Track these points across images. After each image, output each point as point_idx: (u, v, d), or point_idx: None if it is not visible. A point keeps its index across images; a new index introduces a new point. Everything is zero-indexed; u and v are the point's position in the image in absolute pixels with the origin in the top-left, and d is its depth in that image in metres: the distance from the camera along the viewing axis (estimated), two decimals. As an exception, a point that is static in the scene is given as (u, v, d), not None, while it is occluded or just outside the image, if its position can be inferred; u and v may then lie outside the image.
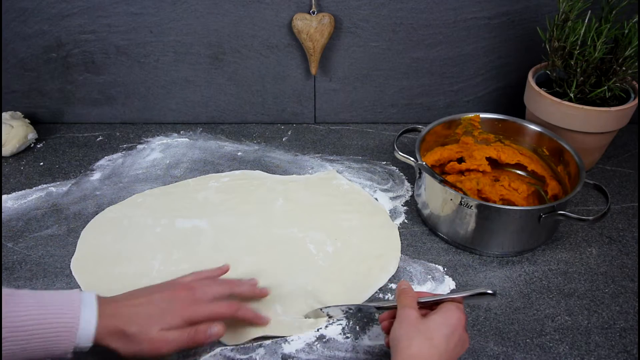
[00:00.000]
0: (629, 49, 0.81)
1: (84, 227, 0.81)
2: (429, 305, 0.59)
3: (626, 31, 0.81)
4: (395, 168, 0.94)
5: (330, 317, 0.67)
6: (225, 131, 1.04)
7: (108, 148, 0.99)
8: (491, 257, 0.77)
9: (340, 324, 0.67)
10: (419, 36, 0.96)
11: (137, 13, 0.93)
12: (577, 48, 0.82)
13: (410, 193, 0.88)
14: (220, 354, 0.63)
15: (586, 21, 0.81)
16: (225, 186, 0.89)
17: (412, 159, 0.79)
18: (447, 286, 0.72)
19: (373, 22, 0.94)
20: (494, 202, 0.80)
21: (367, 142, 1.01)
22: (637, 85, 0.87)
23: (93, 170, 0.93)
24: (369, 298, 0.71)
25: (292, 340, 0.65)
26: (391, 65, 0.99)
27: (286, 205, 0.85)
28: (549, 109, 0.85)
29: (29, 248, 0.78)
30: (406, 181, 0.91)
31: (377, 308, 0.65)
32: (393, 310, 0.60)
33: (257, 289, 0.67)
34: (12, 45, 0.96)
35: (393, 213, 0.85)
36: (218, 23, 0.94)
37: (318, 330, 0.66)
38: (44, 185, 0.89)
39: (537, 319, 0.68)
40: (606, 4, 0.83)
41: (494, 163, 0.88)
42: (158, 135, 1.02)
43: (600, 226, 0.82)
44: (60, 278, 0.73)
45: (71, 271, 0.74)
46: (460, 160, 0.89)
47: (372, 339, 0.65)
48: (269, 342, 0.65)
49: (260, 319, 0.65)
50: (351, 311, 0.67)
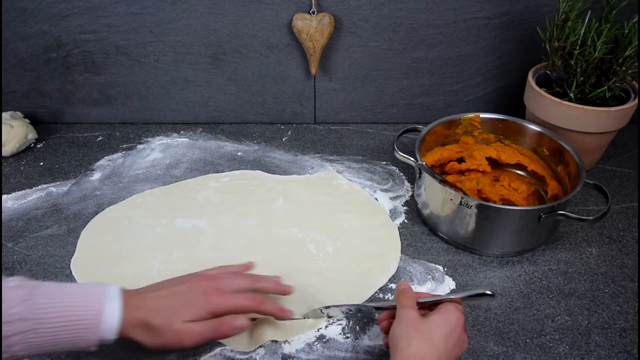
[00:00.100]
0: (629, 49, 0.81)
1: (84, 227, 0.81)
2: (428, 305, 0.59)
3: (626, 31, 0.81)
4: (395, 168, 0.94)
5: (329, 318, 0.67)
6: (225, 131, 1.04)
7: (108, 148, 0.99)
8: (491, 257, 0.77)
9: (340, 324, 0.67)
10: (419, 36, 0.96)
11: (137, 13, 0.93)
12: (577, 48, 0.82)
13: (410, 193, 0.88)
14: (220, 354, 0.63)
15: (586, 21, 0.81)
16: (225, 186, 0.89)
17: (412, 159, 0.79)
18: (447, 286, 0.72)
19: (373, 22, 0.94)
20: (494, 202, 0.80)
21: (367, 142, 1.01)
22: (637, 85, 0.87)
23: (93, 170, 0.93)
24: (369, 298, 0.71)
25: (292, 340, 0.65)
26: (391, 65, 0.99)
27: (286, 205, 0.85)
28: (549, 109, 0.85)
29: (29, 248, 0.78)
30: (406, 181, 0.91)
31: (376, 308, 0.65)
32: (392, 310, 0.60)
33: (281, 286, 0.66)
34: (12, 45, 0.96)
35: (393, 213, 0.85)
36: (218, 23, 0.94)
37: (318, 330, 0.66)
38: (44, 185, 0.90)
39: (537, 319, 0.68)
40: (606, 4, 0.83)
41: (494, 163, 0.88)
42: (158, 135, 1.02)
43: (600, 226, 0.82)
44: (60, 278, 0.73)
45: (71, 271, 0.74)
46: (460, 160, 0.89)
47: (372, 339, 0.65)
48: (269, 342, 0.64)
49: (283, 313, 0.63)
50: (351, 312, 0.67)
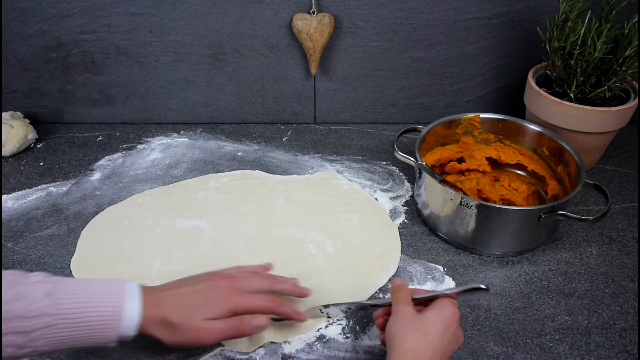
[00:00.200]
0: (629, 49, 0.81)
1: (84, 227, 0.81)
2: (423, 301, 0.59)
3: (626, 31, 0.81)
4: (395, 168, 0.94)
5: (329, 317, 0.67)
6: (225, 131, 1.04)
7: (108, 148, 0.99)
8: (491, 257, 0.77)
9: (340, 324, 0.67)
10: (419, 36, 0.96)
11: (137, 13, 0.93)
12: (577, 48, 0.82)
13: (410, 193, 0.88)
14: (220, 354, 0.63)
15: (586, 21, 0.81)
16: (225, 186, 0.89)
17: (412, 159, 0.79)
18: (447, 286, 0.72)
19: (373, 22, 0.94)
20: (494, 202, 0.80)
21: (367, 142, 1.01)
22: (637, 85, 0.87)
23: (93, 170, 0.93)
24: (369, 298, 0.71)
25: (292, 340, 0.65)
26: (391, 65, 0.99)
27: (286, 205, 0.85)
28: (549, 109, 0.85)
29: (29, 248, 0.78)
30: (406, 181, 0.91)
31: (372, 305, 0.65)
32: (388, 307, 0.60)
33: (298, 288, 0.66)
34: (12, 45, 0.96)
35: (393, 213, 0.85)
36: (218, 23, 0.94)
37: (318, 330, 0.66)
38: (44, 185, 0.90)
39: (537, 319, 0.68)
40: (606, 4, 0.83)
41: (494, 163, 0.88)
42: (158, 135, 1.02)
43: (600, 226, 0.82)
44: (60, 278, 0.73)
45: (71, 271, 0.74)
46: (460, 160, 0.89)
47: (372, 339, 0.65)
48: (269, 343, 0.64)
49: (299, 315, 0.64)
50: (350, 309, 0.67)
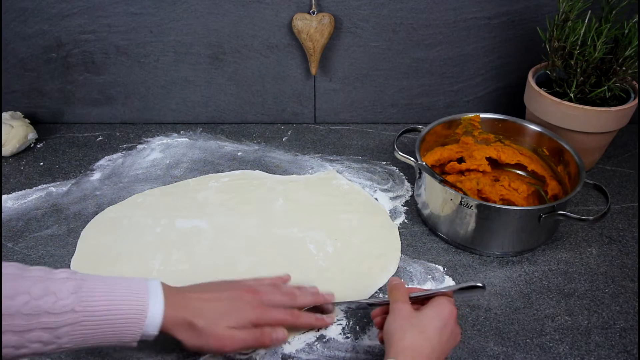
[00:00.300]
0: (629, 49, 0.81)
1: (84, 227, 0.81)
2: (420, 300, 0.59)
3: (626, 31, 0.81)
4: (395, 168, 0.94)
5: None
6: (225, 131, 1.04)
7: (108, 148, 0.99)
8: (491, 257, 0.77)
9: (340, 324, 0.67)
10: (419, 36, 0.96)
11: (137, 13, 0.93)
12: (577, 48, 0.82)
13: (410, 193, 0.88)
14: (220, 354, 0.63)
15: (586, 21, 0.81)
16: (225, 186, 0.89)
17: (412, 159, 0.79)
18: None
19: (373, 22, 0.94)
20: (494, 202, 0.80)
21: (367, 142, 1.01)
22: (637, 85, 0.87)
23: (93, 170, 0.93)
24: (369, 298, 0.70)
25: (292, 340, 0.65)
26: (391, 65, 0.99)
27: (286, 205, 0.85)
28: (549, 109, 0.85)
29: (29, 248, 0.78)
30: (406, 181, 0.91)
31: (370, 304, 0.65)
32: (385, 306, 0.61)
33: (320, 297, 0.66)
34: (12, 45, 0.96)
35: (393, 213, 0.85)
36: (218, 23, 0.94)
37: (318, 330, 0.66)
38: (44, 185, 0.90)
39: (537, 319, 0.68)
40: (606, 4, 0.83)
41: (494, 163, 0.88)
42: (158, 135, 1.02)
43: (600, 226, 0.82)
44: (60, 278, 0.73)
45: (71, 271, 0.74)
46: (460, 160, 0.89)
47: (372, 339, 0.65)
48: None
49: (322, 321, 0.65)
50: (351, 308, 0.67)
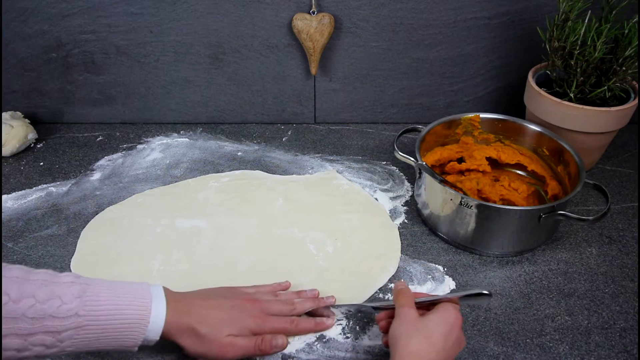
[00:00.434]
0: (629, 49, 0.81)
1: (84, 227, 0.81)
2: (426, 305, 0.59)
3: (626, 31, 0.81)
4: (395, 168, 0.94)
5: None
6: (225, 131, 1.04)
7: (108, 148, 0.99)
8: (491, 257, 0.77)
9: (340, 324, 0.67)
10: (419, 36, 0.96)
11: (137, 13, 0.93)
12: (577, 48, 0.82)
13: (410, 193, 0.88)
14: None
15: (586, 21, 0.81)
16: (225, 186, 0.89)
17: (412, 159, 0.79)
18: (447, 286, 0.72)
19: (373, 22, 0.94)
20: (494, 202, 0.80)
21: (367, 142, 1.01)
22: (637, 85, 0.87)
23: (93, 170, 0.93)
24: (369, 298, 0.71)
25: (292, 340, 0.65)
26: (391, 65, 0.99)
27: (286, 205, 0.85)
28: (549, 109, 0.85)
29: (29, 248, 0.78)
30: (406, 181, 0.91)
31: (375, 308, 0.65)
32: (391, 310, 0.61)
33: (321, 301, 0.67)
34: (12, 45, 0.96)
35: (393, 213, 0.85)
36: (218, 23, 0.94)
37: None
38: (44, 185, 0.90)
39: (537, 319, 0.68)
40: (606, 4, 0.83)
41: (494, 163, 0.88)
42: (158, 135, 1.02)
43: (600, 226, 0.82)
44: (60, 278, 0.73)
45: (71, 271, 0.74)
46: (460, 160, 0.89)
47: (372, 339, 0.65)
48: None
49: (322, 325, 0.65)
50: (350, 312, 0.67)
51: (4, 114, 0.97)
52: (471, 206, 0.72)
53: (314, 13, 0.91)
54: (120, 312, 0.55)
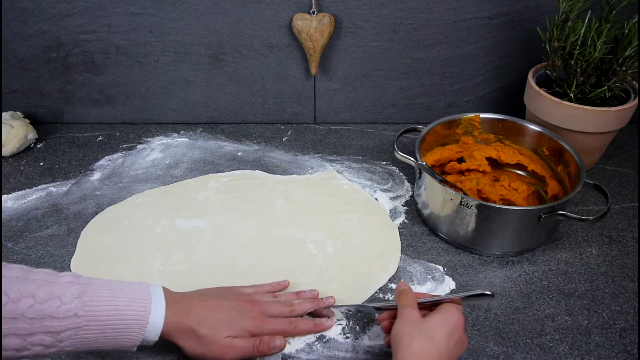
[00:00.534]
0: (629, 49, 0.81)
1: (84, 227, 0.81)
2: (428, 306, 0.59)
3: (626, 31, 0.81)
4: (395, 168, 0.94)
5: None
6: (225, 131, 1.04)
7: (108, 148, 0.99)
8: (491, 257, 0.77)
9: (340, 324, 0.67)
10: (419, 36, 0.96)
11: (137, 13, 0.93)
12: (577, 48, 0.82)
13: (410, 193, 0.88)
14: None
15: (586, 21, 0.81)
16: (225, 186, 0.89)
17: (412, 159, 0.79)
18: (447, 286, 0.72)
19: (373, 22, 0.94)
20: (494, 202, 0.80)
21: (367, 142, 1.01)
22: (637, 85, 0.87)
23: (93, 170, 0.93)
24: (369, 298, 0.71)
25: (292, 340, 0.65)
26: (391, 65, 0.99)
27: (286, 205, 0.85)
28: (549, 109, 0.85)
29: (29, 248, 0.78)
30: (406, 181, 0.91)
31: (376, 308, 0.65)
32: (393, 310, 0.60)
33: (321, 302, 0.67)
34: (12, 45, 0.96)
35: (393, 213, 0.85)
36: (218, 23, 0.94)
37: (318, 330, 0.66)
38: (44, 185, 0.90)
39: (537, 319, 0.68)
40: (606, 4, 0.83)
41: (494, 163, 0.88)
42: (158, 135, 1.02)
43: (600, 226, 0.82)
44: (60, 278, 0.73)
45: (71, 271, 0.74)
46: (460, 160, 0.89)
47: (372, 339, 0.65)
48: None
49: (321, 326, 0.65)
50: (350, 312, 0.67)
51: (4, 114, 0.97)
52: (471, 206, 0.72)
53: (314, 13, 0.91)
54: (119, 313, 0.55)
